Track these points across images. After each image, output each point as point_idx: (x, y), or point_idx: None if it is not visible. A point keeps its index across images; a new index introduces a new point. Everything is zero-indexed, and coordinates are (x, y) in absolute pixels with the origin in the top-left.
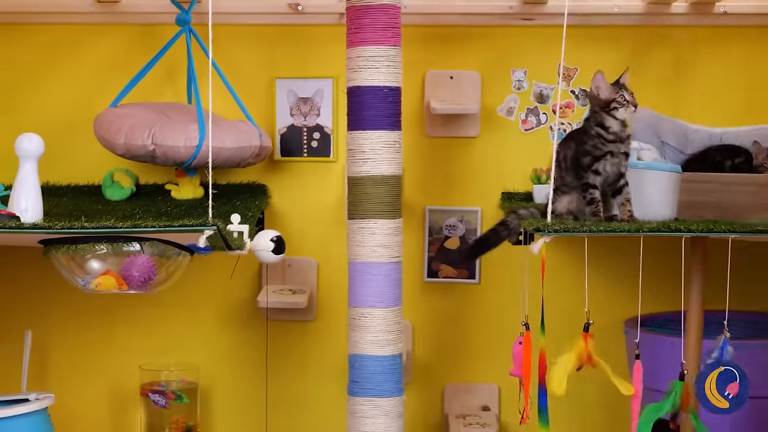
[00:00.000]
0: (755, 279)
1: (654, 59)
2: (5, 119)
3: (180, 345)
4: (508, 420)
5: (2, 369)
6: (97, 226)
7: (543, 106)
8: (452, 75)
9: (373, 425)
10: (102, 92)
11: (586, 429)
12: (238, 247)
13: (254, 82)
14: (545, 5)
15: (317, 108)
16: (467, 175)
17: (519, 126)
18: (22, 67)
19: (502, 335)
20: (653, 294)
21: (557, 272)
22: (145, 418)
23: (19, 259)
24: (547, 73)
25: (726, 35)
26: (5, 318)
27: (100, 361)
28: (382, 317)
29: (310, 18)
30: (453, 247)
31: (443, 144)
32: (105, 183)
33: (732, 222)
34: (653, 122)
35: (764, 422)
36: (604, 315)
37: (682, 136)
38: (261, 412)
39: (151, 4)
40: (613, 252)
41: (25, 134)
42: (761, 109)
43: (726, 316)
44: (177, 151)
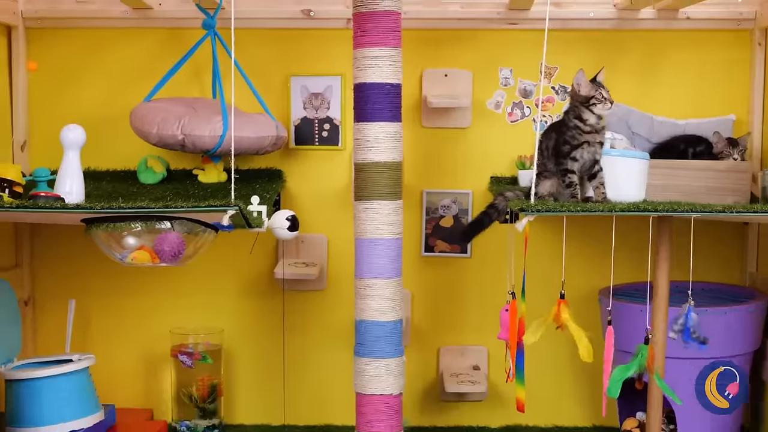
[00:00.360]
0: (715, 253)
1: (625, 59)
2: (52, 112)
3: (206, 312)
4: (496, 378)
5: (49, 333)
6: (132, 207)
7: (527, 100)
8: (447, 73)
9: (377, 382)
10: (137, 88)
11: (563, 387)
12: (257, 225)
13: (271, 79)
14: (529, 11)
15: (327, 102)
16: (459, 162)
17: (505, 118)
18: (68, 65)
19: (490, 303)
20: (624, 266)
21: (540, 248)
22: (175, 376)
23: (63, 236)
24: (531, 72)
25: (689, 38)
26: (51, 288)
27: (135, 326)
28: (384, 287)
29: (320, 23)
30: (447, 225)
31: (438, 134)
32: (139, 168)
33: (694, 203)
34: (624, 115)
35: (724, 379)
36: (581, 285)
37: (650, 127)
38: (278, 370)
39: (180, 10)
40: (589, 229)
41: (69, 125)
42: (721, 102)
43: (690, 287)
44: (203, 140)
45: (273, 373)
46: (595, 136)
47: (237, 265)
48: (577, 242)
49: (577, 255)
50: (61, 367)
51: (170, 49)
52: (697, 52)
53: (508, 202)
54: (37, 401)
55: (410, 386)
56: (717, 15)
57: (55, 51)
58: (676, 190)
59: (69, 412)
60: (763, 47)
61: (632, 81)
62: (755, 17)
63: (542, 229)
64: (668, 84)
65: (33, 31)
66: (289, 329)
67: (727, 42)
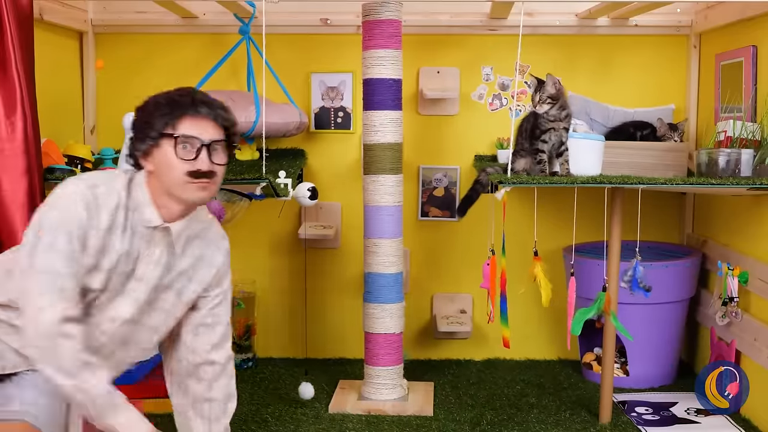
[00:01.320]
0: (657, 217)
1: (584, 59)
2: (116, 102)
3: (241, 266)
4: (479, 320)
5: None
6: None
7: (504, 92)
8: (439, 70)
9: (382, 323)
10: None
11: (533, 327)
12: (284, 195)
13: (295, 75)
14: (506, 20)
15: (341, 94)
16: (450, 143)
17: (487, 107)
18: (130, 64)
19: (474, 258)
20: (584, 229)
21: (515, 213)
22: None
23: None
24: (508, 69)
25: (637, 41)
26: None
27: None
28: (388, 245)
29: (336, 29)
30: (440, 195)
31: (432, 120)
32: None
33: (641, 177)
34: (584, 105)
35: (664, 321)
36: (548, 244)
37: (606, 115)
38: (300, 314)
39: (220, 19)
40: (555, 198)
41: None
42: (663, 94)
43: (638, 245)
44: (240, 125)
45: (296, 316)
46: (558, 123)
47: (267, 227)
48: (546, 209)
49: (546, 219)
50: None
51: (212, 51)
52: (643, 53)
53: (489, 176)
54: None
55: (409, 327)
56: (660, 23)
57: (118, 52)
58: (626, 166)
59: None
60: (697, 49)
61: (591, 77)
62: (691, 24)
63: (518, 198)
64: (620, 79)
65: (100, 36)
66: (309, 280)
67: (668, 45)
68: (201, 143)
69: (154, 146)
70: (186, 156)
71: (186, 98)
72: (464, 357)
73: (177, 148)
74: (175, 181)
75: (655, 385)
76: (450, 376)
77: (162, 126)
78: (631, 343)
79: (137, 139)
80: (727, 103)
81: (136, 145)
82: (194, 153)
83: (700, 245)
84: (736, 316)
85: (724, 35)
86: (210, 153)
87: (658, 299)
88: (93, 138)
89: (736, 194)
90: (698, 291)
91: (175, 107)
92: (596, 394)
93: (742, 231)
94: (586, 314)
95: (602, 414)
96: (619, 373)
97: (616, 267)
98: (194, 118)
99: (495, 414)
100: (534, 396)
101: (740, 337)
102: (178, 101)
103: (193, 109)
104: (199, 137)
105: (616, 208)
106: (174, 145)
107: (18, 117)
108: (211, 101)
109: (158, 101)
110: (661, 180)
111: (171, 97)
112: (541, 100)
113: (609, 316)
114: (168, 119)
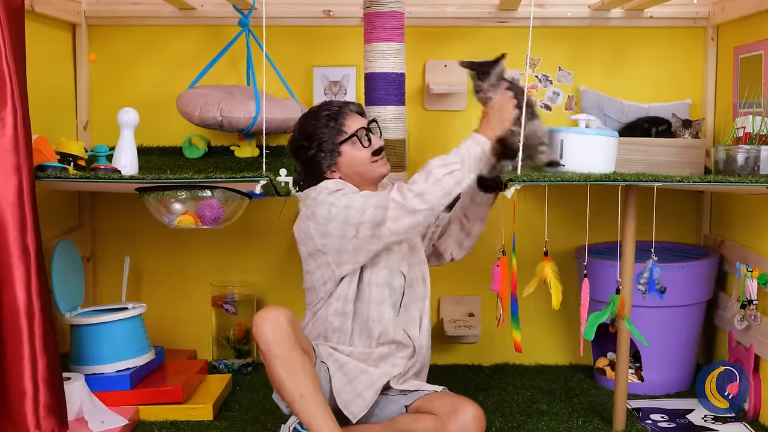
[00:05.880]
0: (673, 217)
1: (597, 52)
2: (110, 97)
3: (240, 266)
4: (488, 323)
5: (107, 285)
6: (179, 178)
7: None
8: (446, 64)
9: None
10: (182, 77)
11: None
12: (285, 193)
13: (297, 69)
14: (516, 11)
15: (344, 89)
16: (456, 138)
17: None
18: (125, 57)
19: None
20: (597, 228)
21: (525, 212)
22: (215, 321)
23: (119, 203)
24: (518, 63)
25: (652, 34)
26: (109, 247)
27: (180, 279)
28: None
29: (338, 21)
30: None
31: (439, 115)
32: (184, 145)
33: (656, 174)
34: (597, 100)
35: (680, 325)
36: (560, 244)
37: (619, 110)
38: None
39: (219, 10)
40: (567, 197)
41: (125, 108)
42: (679, 89)
43: (653, 245)
44: (239, 121)
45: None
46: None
47: (266, 227)
48: (557, 208)
49: (557, 219)
50: (118, 314)
51: (210, 44)
52: (658, 45)
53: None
54: (97, 343)
55: None
56: (676, 14)
57: (113, 45)
58: (641, 163)
59: (124, 352)
60: (715, 42)
61: (604, 71)
62: (708, 16)
63: (529, 197)
64: (634, 73)
65: (94, 29)
66: None
67: (685, 37)
68: (365, 129)
69: (337, 156)
70: (365, 143)
71: (332, 107)
72: (472, 362)
73: (358, 142)
74: (366, 167)
75: (671, 391)
76: (457, 381)
77: (335, 136)
78: (646, 347)
79: (316, 163)
80: (745, 98)
81: (319, 167)
82: (367, 139)
83: (718, 246)
84: (755, 320)
85: (743, 27)
86: (373, 133)
87: (674, 302)
88: (86, 134)
89: (755, 193)
90: (716, 293)
91: (335, 118)
92: (609, 400)
93: (761, 231)
94: (599, 318)
95: (616, 421)
96: (634, 378)
97: (630, 268)
98: (350, 116)
99: (504, 421)
100: (545, 402)
101: (759, 341)
102: (332, 111)
103: (345, 111)
104: (363, 126)
105: (630, 207)
106: (353, 141)
107: (8, 112)
108: (342, 101)
109: (315, 124)
110: (677, 178)
111: (321, 115)
112: None
113: (623, 320)
114: (336, 130)
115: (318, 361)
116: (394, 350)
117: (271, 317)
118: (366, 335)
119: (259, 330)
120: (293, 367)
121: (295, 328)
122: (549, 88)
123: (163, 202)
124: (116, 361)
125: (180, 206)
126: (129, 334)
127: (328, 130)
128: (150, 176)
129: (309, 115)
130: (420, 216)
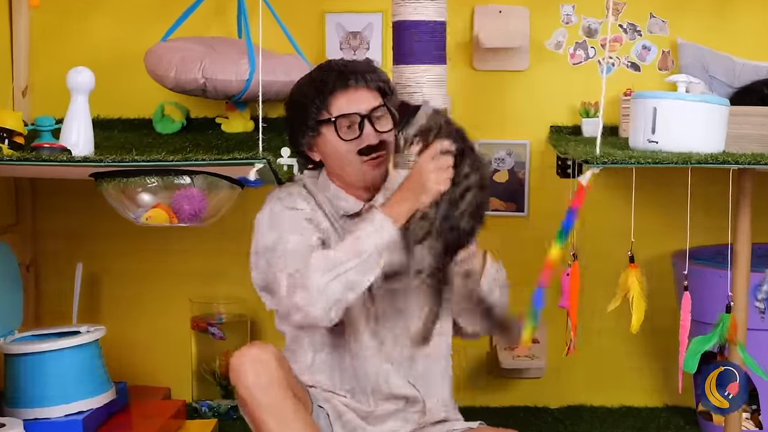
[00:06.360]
0: None
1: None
2: (57, 54)
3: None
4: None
5: (54, 302)
6: (147, 160)
7: (591, 40)
8: (501, 9)
9: None
10: (152, 27)
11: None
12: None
13: (304, 16)
14: None
15: (366, 42)
16: (515, 109)
17: (567, 60)
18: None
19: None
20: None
21: (605, 204)
22: (196, 350)
23: (70, 193)
24: (596, 8)
25: None
26: (56, 251)
27: (150, 294)
28: None
29: None
30: (502, 181)
31: (491, 77)
32: (155, 117)
33: None
34: (699, 56)
35: (723, 379)
36: (652, 247)
37: (730, 70)
38: None
39: None
40: (660, 184)
41: (77, 68)
42: None
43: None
44: (228, 85)
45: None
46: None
47: None
48: (646, 198)
49: (647, 213)
50: (67, 340)
51: None
52: None
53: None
54: (39, 378)
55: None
56: None
57: None
58: (758, 140)
59: (76, 391)
60: None
61: (707, 18)
62: None
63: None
64: (746, 21)
65: None
66: None
67: None
68: (360, 116)
69: (316, 136)
70: (350, 136)
71: (330, 73)
72: (536, 403)
73: (339, 131)
74: (349, 166)
75: None
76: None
77: (316, 112)
78: (765, 384)
79: (295, 133)
80: None
81: (298, 140)
82: (358, 130)
83: None
84: None
85: None
86: (373, 123)
87: None
88: (25, 102)
89: None
90: None
91: (322, 87)
92: None
93: None
94: (704, 344)
95: None
96: (749, 425)
97: (744, 279)
98: (345, 92)
99: None
100: None
101: None
102: (323, 79)
103: (341, 84)
104: (357, 112)
105: (744, 199)
106: (335, 128)
107: None
108: (356, 66)
109: (302, 87)
110: None
111: (313, 77)
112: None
113: (735, 347)
114: (319, 103)
115: (315, 405)
116: (402, 406)
117: (252, 356)
118: (360, 392)
119: (239, 374)
120: (284, 418)
121: (284, 369)
122: (637, 42)
123: (127, 192)
124: (65, 402)
125: (149, 197)
126: (82, 367)
127: (310, 103)
128: (110, 157)
129: (305, 76)
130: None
